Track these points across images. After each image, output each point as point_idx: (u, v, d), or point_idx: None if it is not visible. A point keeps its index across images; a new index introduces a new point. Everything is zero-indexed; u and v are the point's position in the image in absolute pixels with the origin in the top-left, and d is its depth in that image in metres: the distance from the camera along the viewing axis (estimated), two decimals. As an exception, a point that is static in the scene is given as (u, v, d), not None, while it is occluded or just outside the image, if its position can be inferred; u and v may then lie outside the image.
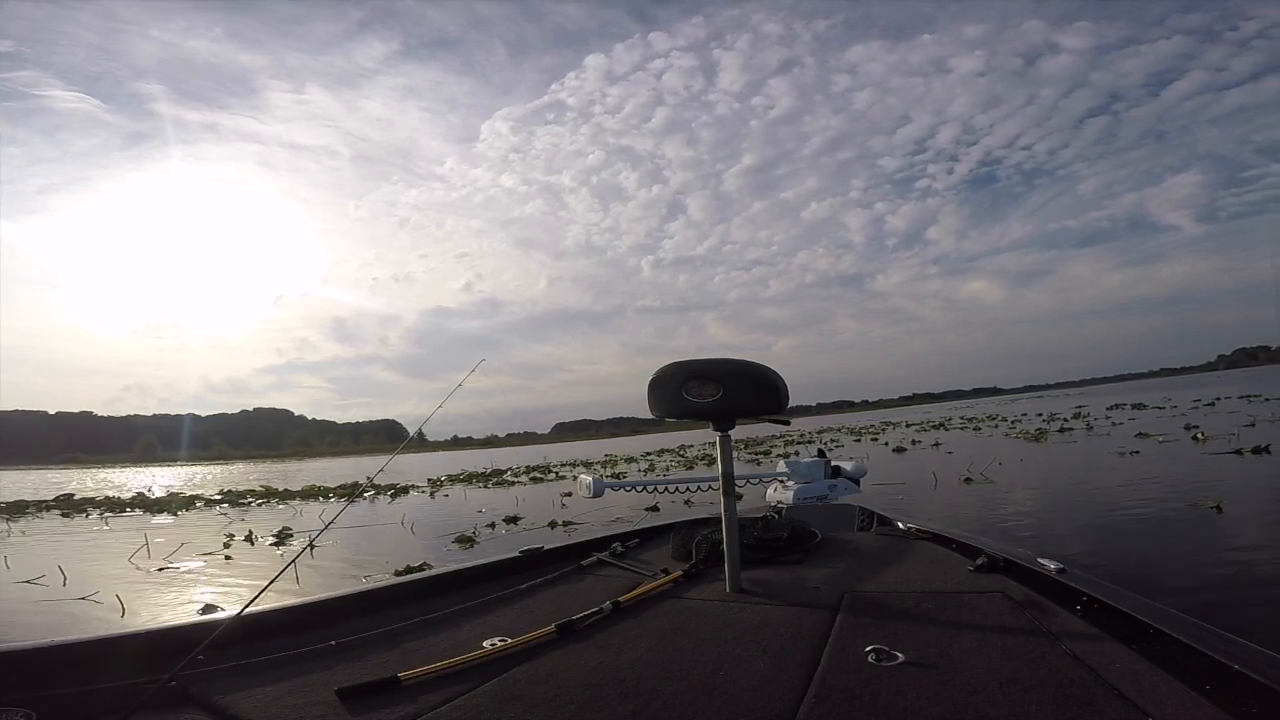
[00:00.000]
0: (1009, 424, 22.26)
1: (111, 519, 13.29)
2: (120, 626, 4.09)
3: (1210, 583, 3.51)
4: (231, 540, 8.58)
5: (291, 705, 1.65)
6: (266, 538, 8.68)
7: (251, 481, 25.59)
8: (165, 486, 25.72)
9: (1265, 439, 9.41)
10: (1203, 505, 5.53)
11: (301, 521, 10.41)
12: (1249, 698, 1.32)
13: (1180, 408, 20.75)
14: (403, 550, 6.67)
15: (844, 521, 3.68)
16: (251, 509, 14.03)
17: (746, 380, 2.54)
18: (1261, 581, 3.48)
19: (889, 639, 1.86)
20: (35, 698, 1.58)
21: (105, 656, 1.81)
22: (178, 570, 6.77)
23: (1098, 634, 1.79)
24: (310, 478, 26.95)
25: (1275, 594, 3.29)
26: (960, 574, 2.51)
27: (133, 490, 22.58)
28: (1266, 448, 8.74)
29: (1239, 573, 3.67)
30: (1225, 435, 10.65)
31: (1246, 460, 8.26)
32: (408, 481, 18.45)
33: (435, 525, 9.02)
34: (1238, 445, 9.17)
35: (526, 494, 12.87)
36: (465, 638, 2.11)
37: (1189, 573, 3.78)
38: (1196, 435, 11.40)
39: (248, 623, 1.96)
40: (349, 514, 11.81)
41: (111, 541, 9.68)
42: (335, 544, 7.83)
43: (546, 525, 8.20)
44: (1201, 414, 17.07)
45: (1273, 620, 3.02)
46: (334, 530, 9.08)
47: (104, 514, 14.36)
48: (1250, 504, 5.58)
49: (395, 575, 5.57)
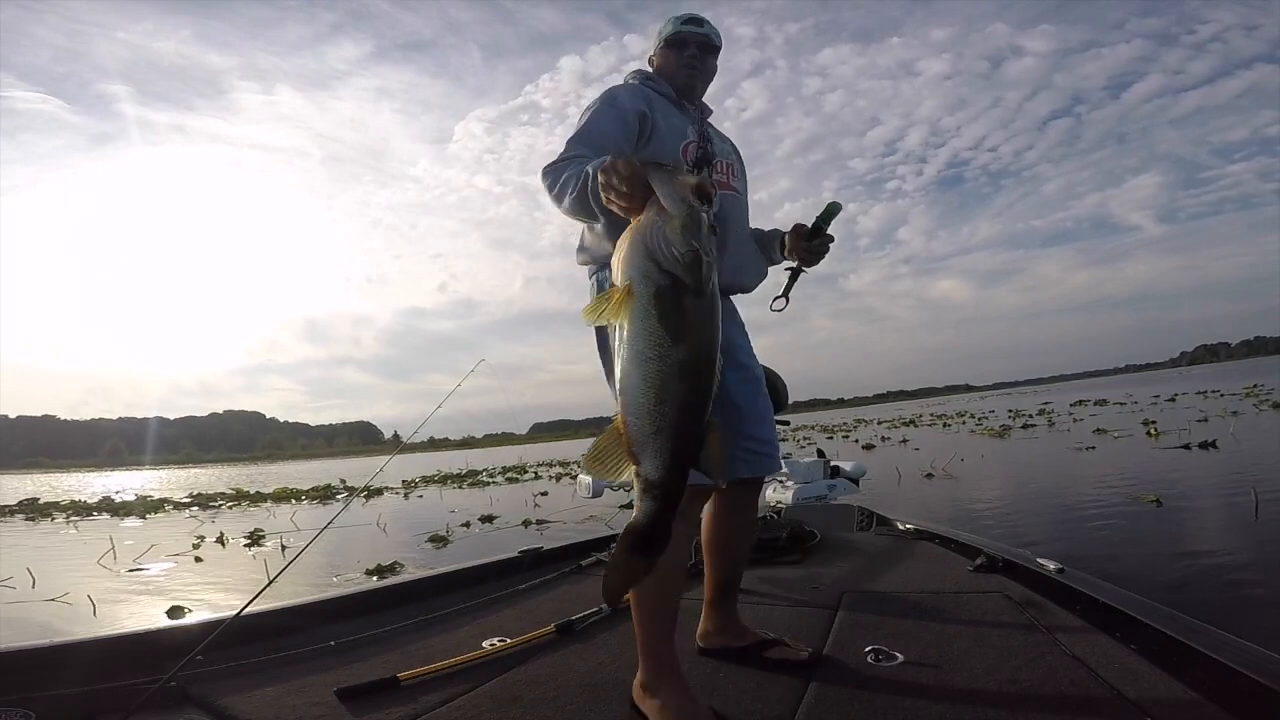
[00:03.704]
0: (976, 420, 22.63)
1: (78, 522, 13.03)
2: (120, 626, 4.09)
3: (1135, 574, 3.70)
4: (202, 542, 8.51)
5: (291, 705, 1.70)
6: (238, 539, 8.62)
7: (222, 485, 25.14)
8: (133, 490, 25.14)
9: (1214, 434, 9.74)
10: (1144, 500, 5.76)
11: (274, 523, 10.33)
12: (1249, 697, 1.37)
13: (1141, 404, 21.25)
14: (376, 550, 6.69)
15: (843, 521, 3.72)
16: (222, 512, 13.82)
17: None
18: (1182, 574, 3.67)
19: (888, 639, 1.92)
20: (34, 698, 1.62)
21: (105, 656, 1.85)
22: (148, 572, 6.72)
23: (1097, 634, 1.83)
24: (282, 480, 26.53)
25: (1194, 589, 3.48)
26: (959, 574, 2.58)
27: (99, 494, 22.06)
28: (1214, 443, 9.06)
29: (1165, 565, 3.87)
30: (1178, 431, 10.98)
31: (1194, 455, 8.56)
32: (382, 483, 18.30)
33: (409, 525, 9.02)
34: (1188, 441, 9.48)
35: (502, 494, 12.88)
36: (465, 638, 2.16)
37: (1120, 564, 3.98)
38: (1150, 431, 11.75)
39: (248, 623, 1.97)
40: (321, 515, 11.73)
41: (79, 545, 9.53)
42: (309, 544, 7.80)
43: (520, 524, 8.25)
44: (1160, 410, 17.52)
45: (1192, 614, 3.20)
46: (306, 532, 9.04)
47: (70, 518, 14.04)
48: (1189, 499, 5.81)
49: (367, 574, 5.62)
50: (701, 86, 1.90)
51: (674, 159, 1.69)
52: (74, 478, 60.96)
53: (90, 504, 17.04)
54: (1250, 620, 2.91)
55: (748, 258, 1.90)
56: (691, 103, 1.89)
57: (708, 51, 1.88)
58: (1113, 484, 6.90)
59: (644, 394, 1.08)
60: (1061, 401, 29.34)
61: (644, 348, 1.08)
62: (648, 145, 1.69)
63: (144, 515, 13.85)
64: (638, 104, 1.71)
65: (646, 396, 1.08)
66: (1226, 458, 8.15)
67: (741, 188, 1.91)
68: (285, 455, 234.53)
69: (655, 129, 1.72)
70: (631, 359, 1.09)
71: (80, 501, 18.04)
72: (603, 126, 1.64)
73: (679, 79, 1.85)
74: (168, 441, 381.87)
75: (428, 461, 30.68)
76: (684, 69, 1.85)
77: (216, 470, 68.43)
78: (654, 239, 1.09)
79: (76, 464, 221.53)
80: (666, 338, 1.07)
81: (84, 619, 4.71)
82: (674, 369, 1.07)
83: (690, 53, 1.84)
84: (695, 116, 1.86)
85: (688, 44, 1.85)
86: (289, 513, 12.14)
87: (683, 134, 1.77)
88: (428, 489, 16.03)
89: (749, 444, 1.78)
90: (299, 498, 15.91)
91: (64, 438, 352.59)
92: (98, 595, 5.30)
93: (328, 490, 17.13)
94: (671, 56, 1.86)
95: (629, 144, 1.65)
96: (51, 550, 9.19)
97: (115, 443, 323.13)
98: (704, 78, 1.90)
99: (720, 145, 1.88)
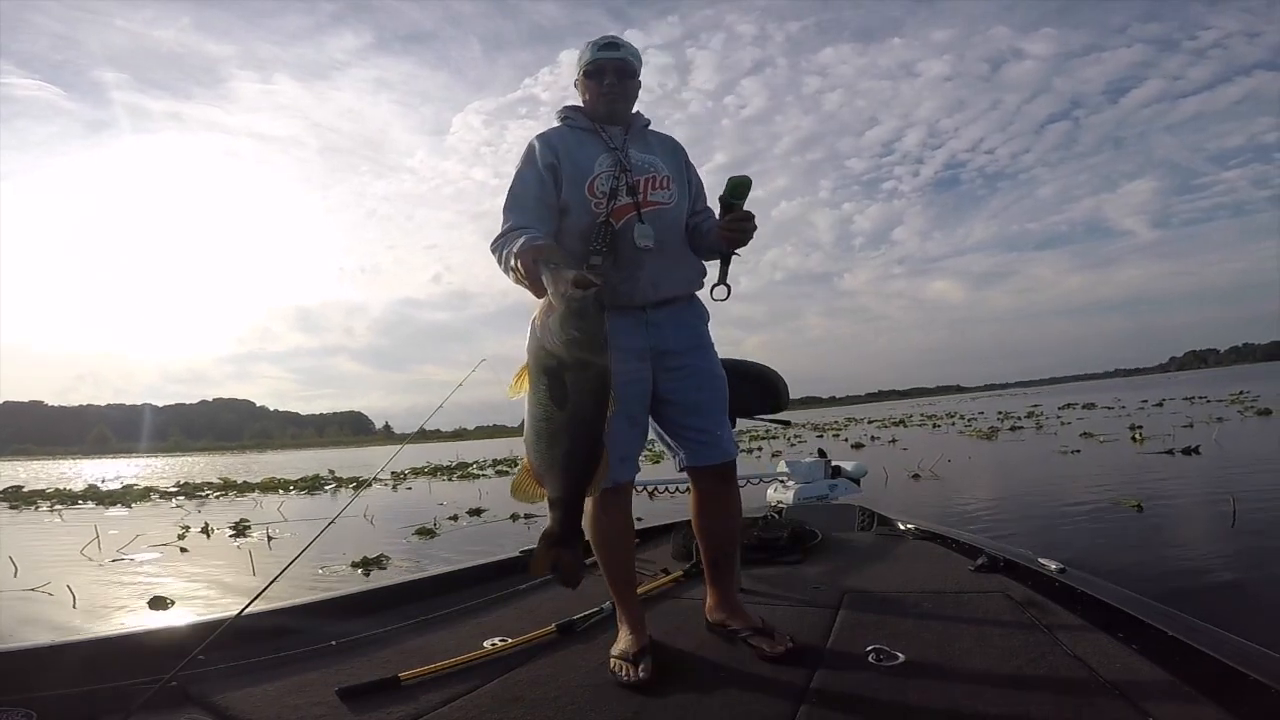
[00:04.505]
0: (965, 422, 22.77)
1: (63, 511, 12.97)
2: (120, 626, 4.07)
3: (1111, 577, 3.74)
4: (187, 532, 8.48)
5: (292, 705, 1.70)
6: (223, 530, 8.60)
7: (209, 474, 25.02)
8: (119, 478, 25.01)
9: (1198, 440, 9.84)
10: (1126, 504, 5.82)
11: (260, 514, 10.30)
12: (1249, 697, 1.38)
13: (1128, 408, 21.40)
14: (362, 543, 6.68)
15: (844, 521, 3.71)
16: (209, 501, 13.79)
17: (747, 380, 2.58)
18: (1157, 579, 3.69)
19: (889, 639, 1.92)
20: (35, 698, 1.62)
21: (105, 656, 1.86)
22: (131, 562, 6.71)
23: (1099, 634, 1.84)
24: (271, 470, 26.43)
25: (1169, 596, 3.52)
26: (960, 574, 2.58)
27: (85, 482, 21.92)
28: (1197, 449, 9.15)
29: (1141, 569, 3.91)
30: (1163, 436, 11.06)
31: (1176, 460, 8.65)
32: (371, 475, 18.24)
33: (397, 518, 9.01)
34: (1171, 446, 9.57)
35: (491, 487, 12.87)
36: (466, 638, 2.16)
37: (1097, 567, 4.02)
38: (1135, 435, 11.85)
39: (248, 623, 1.97)
40: (309, 506, 11.72)
41: (64, 534, 9.48)
42: (293, 537, 7.80)
43: (508, 518, 8.25)
44: (1147, 415, 17.66)
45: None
46: (293, 523, 9.05)
47: (55, 506, 13.98)
48: (1169, 504, 5.87)
49: (353, 567, 5.61)
50: (625, 107, 2.00)
51: (579, 200, 1.88)
52: (61, 465, 60.51)
53: (75, 492, 16.94)
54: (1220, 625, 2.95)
55: (671, 267, 1.97)
56: (616, 124, 1.98)
57: (625, 76, 1.97)
58: (1095, 488, 6.96)
59: (538, 444, 1.43)
60: (1050, 404, 29.51)
61: (538, 413, 1.43)
62: (561, 190, 1.88)
63: (130, 504, 13.80)
64: (548, 158, 1.89)
65: (540, 445, 1.43)
66: (1208, 464, 8.24)
67: (669, 196, 1.97)
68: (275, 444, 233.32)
69: (562, 176, 1.89)
70: (530, 419, 1.44)
71: (65, 490, 17.92)
72: (523, 189, 1.87)
73: (600, 109, 1.98)
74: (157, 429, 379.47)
75: (418, 453, 30.55)
76: (603, 98, 1.96)
77: (205, 459, 68.12)
78: (541, 328, 1.42)
79: (64, 451, 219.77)
80: (552, 405, 1.41)
81: (64, 610, 4.70)
82: (560, 427, 1.41)
83: (609, 81, 1.96)
84: (618, 140, 1.95)
85: (605, 72, 1.95)
86: (276, 503, 12.11)
87: (589, 170, 1.89)
88: (417, 481, 16.01)
89: (690, 434, 1.99)
90: (287, 488, 15.88)
91: (52, 424, 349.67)
92: (80, 585, 5.29)
93: (316, 481, 17.08)
94: (591, 87, 1.97)
95: (547, 197, 1.87)
96: (35, 540, 9.14)
97: (103, 429, 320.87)
98: (625, 100, 2.00)
99: (643, 158, 1.96)
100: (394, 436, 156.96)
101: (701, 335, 2.05)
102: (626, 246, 1.87)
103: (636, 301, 1.91)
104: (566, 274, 1.44)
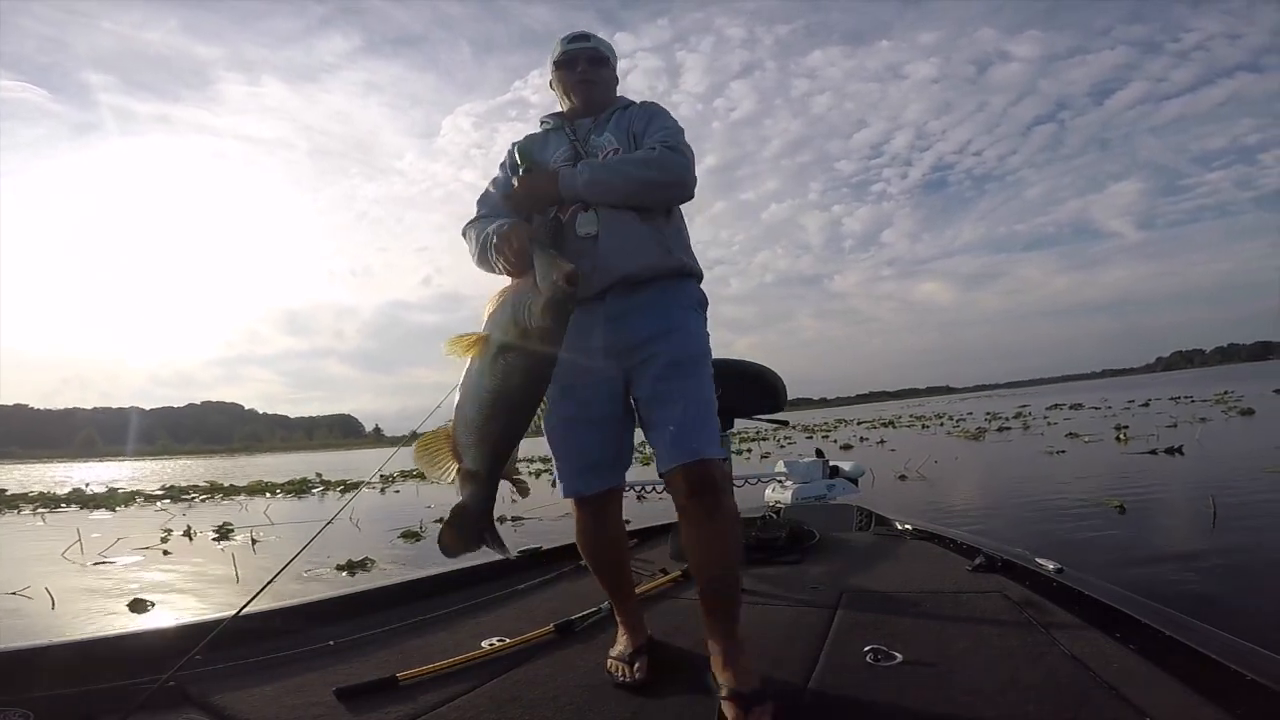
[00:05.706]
0: (954, 422, 22.89)
1: (47, 514, 12.83)
2: (118, 626, 4.03)
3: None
4: (169, 535, 8.41)
5: (290, 705, 1.70)
6: (207, 533, 8.53)
7: (196, 477, 24.82)
8: (105, 482, 24.76)
9: (1181, 440, 9.92)
10: (1108, 504, 5.86)
11: (245, 517, 10.22)
12: (1248, 698, 1.38)
13: (1115, 408, 21.57)
14: (348, 546, 6.64)
15: (842, 521, 3.71)
16: (195, 505, 13.67)
17: (745, 380, 2.56)
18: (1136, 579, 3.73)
19: (887, 639, 1.92)
20: (33, 698, 1.61)
21: (103, 656, 1.85)
22: (113, 565, 6.64)
23: (1096, 634, 1.84)
24: (258, 473, 26.25)
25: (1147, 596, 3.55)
26: (958, 574, 2.58)
27: (70, 485, 21.71)
28: (1180, 449, 9.24)
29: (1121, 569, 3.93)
30: (1147, 436, 11.15)
31: (1160, 460, 8.72)
32: (358, 477, 18.15)
33: (383, 520, 8.95)
34: (1155, 446, 9.65)
35: (479, 490, 12.81)
36: (464, 638, 2.16)
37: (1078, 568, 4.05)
38: (1120, 436, 11.95)
39: (246, 623, 1.97)
40: (295, 510, 11.64)
41: (46, 537, 9.37)
42: (279, 539, 7.76)
43: (495, 520, 8.22)
44: (1132, 415, 17.80)
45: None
46: (279, 526, 8.99)
47: (38, 509, 13.82)
48: (1150, 505, 5.92)
49: (338, 569, 5.58)
50: (600, 94, 1.96)
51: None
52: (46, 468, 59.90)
53: (59, 495, 16.76)
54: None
55: (621, 246, 1.76)
56: (592, 114, 1.94)
57: (598, 64, 1.95)
58: (1079, 488, 7.01)
59: (474, 416, 1.43)
60: (1038, 405, 29.71)
61: (485, 384, 1.43)
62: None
63: (114, 508, 13.65)
64: (515, 160, 1.87)
65: (477, 418, 1.43)
66: (1191, 464, 8.31)
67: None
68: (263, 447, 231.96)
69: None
70: (471, 388, 1.44)
71: (49, 493, 17.73)
72: (495, 189, 1.90)
73: (575, 98, 1.96)
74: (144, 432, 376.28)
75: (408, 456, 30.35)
76: (577, 87, 1.94)
77: (192, 462, 67.57)
78: (520, 306, 1.44)
79: (50, 454, 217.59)
80: (503, 382, 1.42)
81: (42, 613, 4.64)
82: (504, 404, 1.42)
83: (581, 69, 1.93)
84: (583, 132, 1.89)
85: (576, 62, 1.94)
86: (263, 506, 12.02)
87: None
88: (405, 484, 15.92)
89: (654, 433, 1.73)
90: (274, 491, 15.76)
91: (37, 427, 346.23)
92: (60, 588, 5.23)
93: (303, 484, 16.96)
94: (565, 77, 1.96)
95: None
96: (17, 543, 9.06)
97: (89, 433, 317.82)
98: (601, 88, 1.96)
99: (599, 141, 1.85)
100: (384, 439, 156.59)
101: (672, 319, 1.75)
102: (571, 239, 1.75)
103: (590, 292, 1.72)
104: (564, 265, 1.47)
